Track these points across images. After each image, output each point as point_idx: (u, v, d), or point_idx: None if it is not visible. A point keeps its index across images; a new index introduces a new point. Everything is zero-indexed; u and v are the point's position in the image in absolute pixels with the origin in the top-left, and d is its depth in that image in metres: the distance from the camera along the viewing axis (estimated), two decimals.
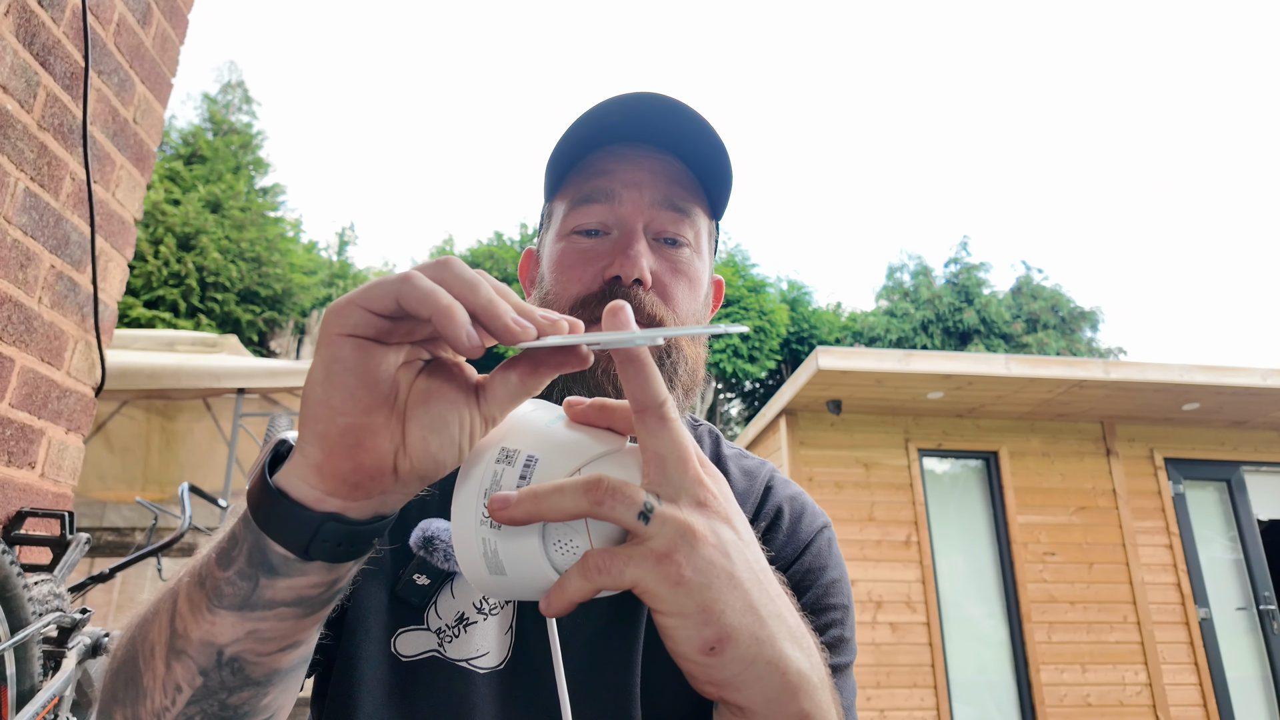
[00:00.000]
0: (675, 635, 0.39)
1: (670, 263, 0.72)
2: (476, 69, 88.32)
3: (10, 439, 1.49)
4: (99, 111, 1.69)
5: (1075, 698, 5.11)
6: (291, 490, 0.40)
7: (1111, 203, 71.10)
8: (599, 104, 0.71)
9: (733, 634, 0.39)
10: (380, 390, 0.39)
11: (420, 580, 0.67)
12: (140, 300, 13.57)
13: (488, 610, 0.68)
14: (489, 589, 0.42)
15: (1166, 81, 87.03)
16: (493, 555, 0.41)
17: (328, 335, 0.38)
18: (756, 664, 0.40)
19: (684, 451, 0.41)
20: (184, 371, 4.26)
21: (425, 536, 0.67)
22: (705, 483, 0.41)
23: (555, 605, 0.39)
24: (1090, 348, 19.60)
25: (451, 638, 0.67)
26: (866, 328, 20.00)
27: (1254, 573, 5.57)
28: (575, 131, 0.72)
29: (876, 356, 5.01)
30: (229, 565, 0.42)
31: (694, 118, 0.71)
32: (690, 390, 0.73)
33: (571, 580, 0.38)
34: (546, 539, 0.40)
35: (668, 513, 0.39)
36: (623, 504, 0.38)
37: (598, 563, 0.38)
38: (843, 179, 69.35)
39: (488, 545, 0.40)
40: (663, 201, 0.72)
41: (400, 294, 0.36)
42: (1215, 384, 5.04)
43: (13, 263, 1.46)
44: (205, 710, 0.45)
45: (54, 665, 1.43)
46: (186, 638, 0.43)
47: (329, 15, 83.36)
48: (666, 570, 0.38)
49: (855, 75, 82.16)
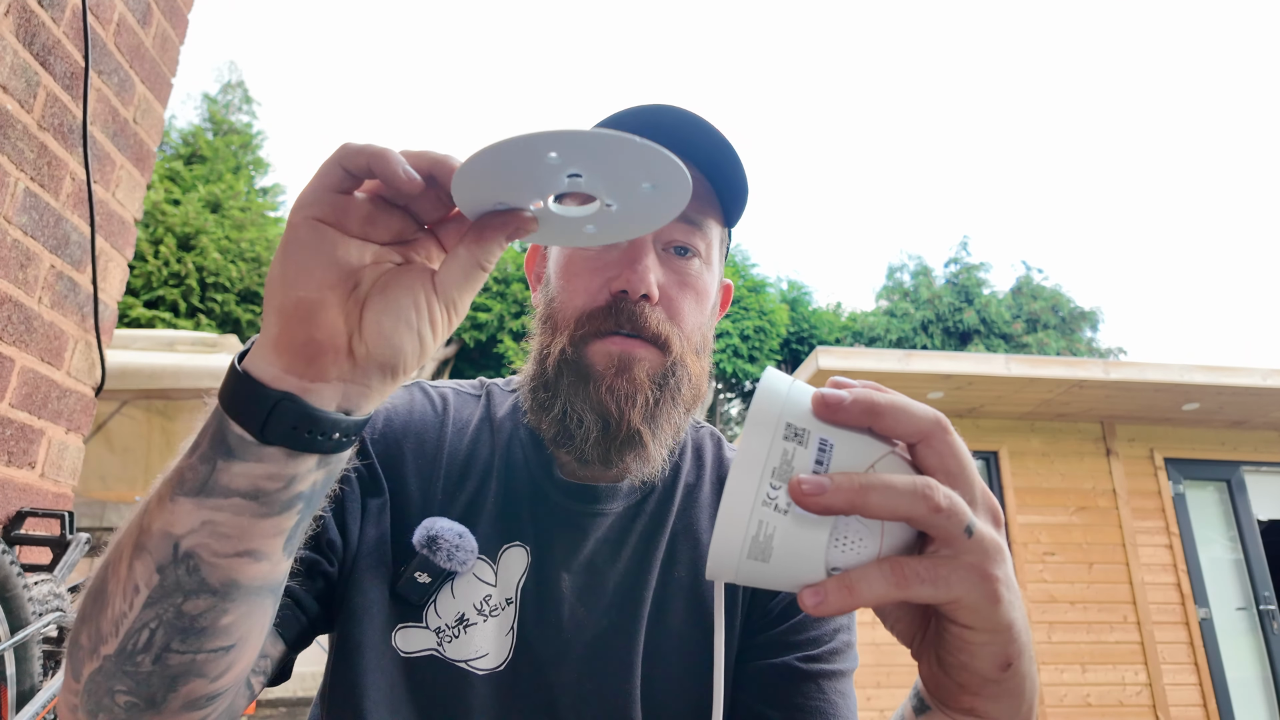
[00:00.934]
0: (980, 652, 0.39)
1: (678, 275, 0.72)
2: (476, 69, 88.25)
3: (10, 439, 1.49)
4: (99, 111, 1.69)
5: (1075, 698, 5.10)
6: (252, 369, 0.41)
7: (1111, 203, 71.10)
8: (616, 114, 0.71)
9: (1023, 650, 0.39)
10: (336, 270, 0.40)
11: (421, 578, 0.67)
12: (140, 300, 13.57)
13: (488, 612, 0.69)
14: (731, 573, 0.39)
15: (1166, 81, 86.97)
16: (764, 539, 0.37)
17: (290, 221, 0.41)
18: (1028, 678, 0.41)
19: (974, 467, 0.40)
20: (184, 371, 4.26)
21: (429, 535, 0.68)
22: (992, 498, 0.40)
23: (833, 603, 0.36)
24: (1090, 348, 19.60)
25: (451, 638, 0.67)
26: (866, 328, 19.99)
27: (1254, 573, 5.57)
28: None
29: (876, 356, 5.01)
30: (194, 452, 0.43)
31: (711, 132, 0.71)
32: (692, 407, 0.73)
33: (872, 583, 0.36)
34: (834, 533, 0.38)
35: (983, 529, 0.38)
36: (955, 516, 0.37)
37: (919, 571, 0.36)
38: (843, 179, 69.36)
39: (764, 528, 0.37)
40: None
41: (340, 158, 0.40)
42: (1215, 384, 5.04)
43: (13, 263, 1.46)
44: (161, 617, 0.44)
45: (54, 665, 1.43)
46: (148, 531, 0.44)
47: (329, 15, 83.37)
48: (988, 587, 0.37)
49: (855, 75, 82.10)
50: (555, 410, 0.69)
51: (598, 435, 0.67)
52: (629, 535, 0.74)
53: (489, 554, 0.70)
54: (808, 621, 0.72)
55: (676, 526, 0.76)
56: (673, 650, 0.70)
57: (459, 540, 0.69)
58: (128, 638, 0.44)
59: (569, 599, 0.70)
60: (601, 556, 0.73)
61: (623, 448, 0.68)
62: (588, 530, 0.73)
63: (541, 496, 0.74)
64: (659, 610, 0.72)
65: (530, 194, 0.42)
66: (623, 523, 0.75)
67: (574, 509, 0.73)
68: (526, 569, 0.71)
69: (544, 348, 0.72)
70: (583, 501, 0.73)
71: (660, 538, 0.74)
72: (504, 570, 0.70)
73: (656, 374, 0.69)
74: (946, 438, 0.39)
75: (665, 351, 0.69)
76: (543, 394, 0.71)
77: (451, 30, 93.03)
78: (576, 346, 0.69)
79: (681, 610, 0.72)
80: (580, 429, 0.68)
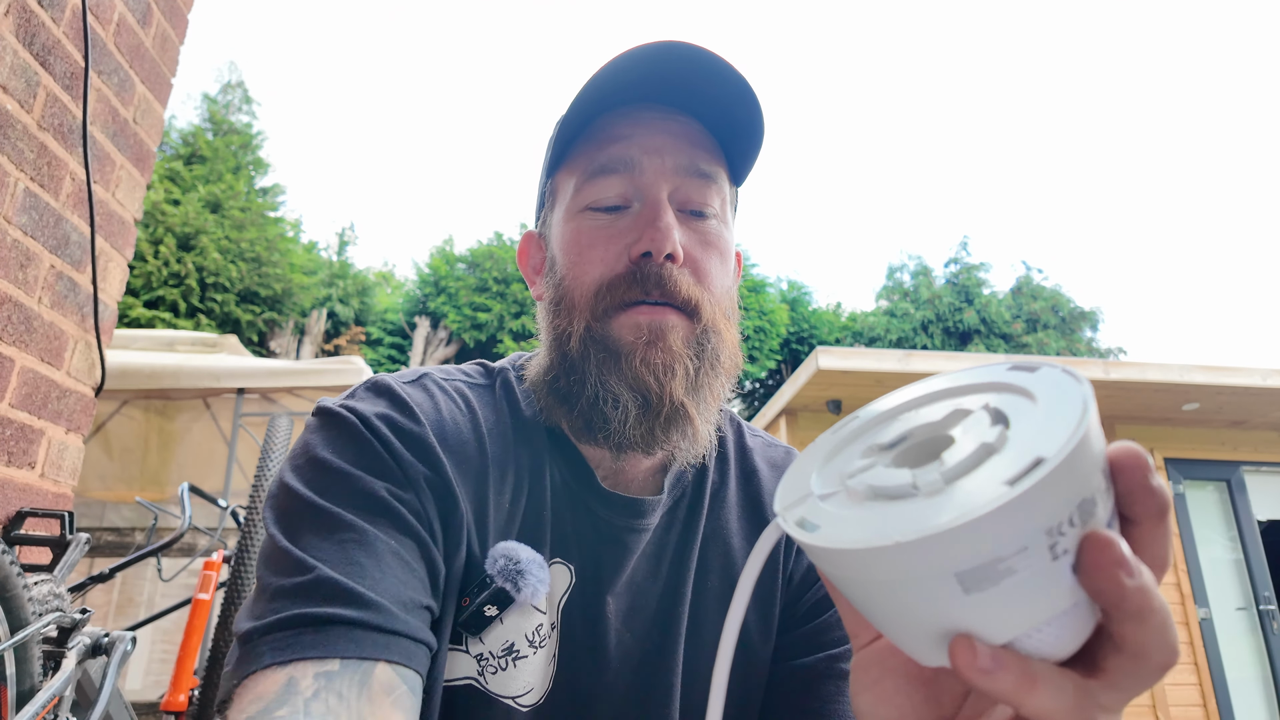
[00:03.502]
0: None
1: (699, 235, 0.65)
2: (476, 69, 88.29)
3: (10, 439, 1.49)
4: (99, 111, 1.69)
5: None
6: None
7: (1111, 203, 71.16)
8: (611, 61, 0.62)
9: None
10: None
11: (490, 612, 0.59)
12: (140, 300, 13.57)
13: (538, 643, 0.61)
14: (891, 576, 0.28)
15: (1166, 82, 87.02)
16: (1000, 571, 0.27)
17: None
18: None
19: (1168, 662, 0.29)
20: (184, 371, 4.26)
21: (516, 568, 0.59)
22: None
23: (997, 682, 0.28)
24: (1090, 348, 19.59)
25: (496, 669, 0.60)
26: (866, 328, 19.99)
27: (1254, 573, 5.57)
28: (587, 94, 0.63)
29: (876, 356, 5.01)
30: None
31: (723, 73, 0.63)
32: (732, 375, 0.67)
33: (1056, 692, 0.28)
34: (1063, 614, 0.29)
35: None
36: (1151, 681, 0.29)
37: (1095, 698, 0.29)
38: (843, 179, 69.43)
39: (1020, 557, 0.27)
40: (688, 167, 0.65)
41: None
42: (1215, 384, 5.04)
43: (13, 263, 1.46)
44: None
45: (54, 665, 1.43)
46: None
47: (329, 15, 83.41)
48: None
49: (855, 76, 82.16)
50: (585, 394, 0.62)
51: (637, 414, 0.61)
52: (666, 548, 0.68)
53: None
54: (834, 621, 0.68)
55: (706, 530, 0.70)
56: (708, 667, 0.65)
57: (542, 573, 0.60)
58: None
59: (614, 624, 0.64)
60: (642, 573, 0.67)
61: (667, 425, 0.61)
62: (631, 547, 0.66)
63: (583, 509, 0.66)
64: (695, 625, 0.67)
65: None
66: (660, 534, 0.68)
67: (617, 523, 0.66)
68: (569, 588, 0.64)
69: (561, 331, 0.65)
70: (627, 515, 0.66)
71: (693, 545, 0.68)
72: (550, 591, 0.63)
73: (691, 341, 0.62)
74: (1145, 612, 0.29)
75: (696, 318, 0.62)
76: (565, 382, 0.64)
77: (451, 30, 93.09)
78: (600, 321, 0.62)
79: (716, 622, 0.67)
80: (617, 410, 0.61)
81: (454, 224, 66.69)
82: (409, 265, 33.64)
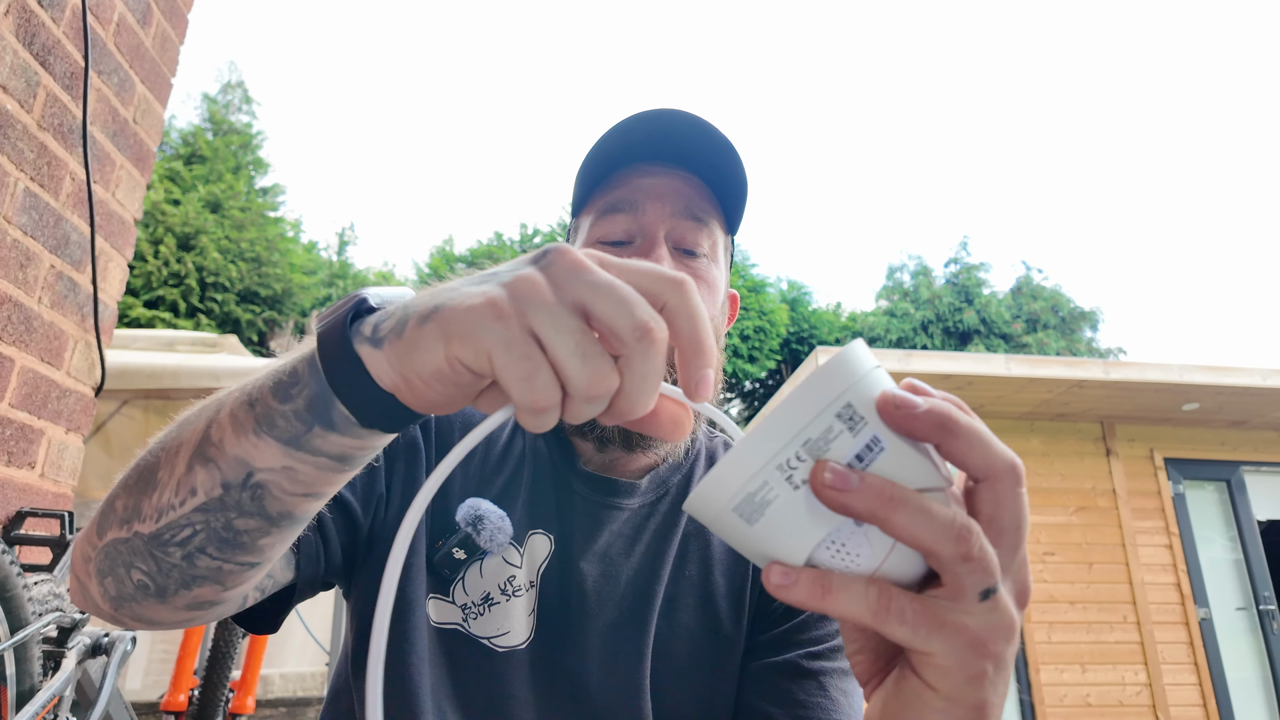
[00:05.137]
0: (931, 718, 0.35)
1: (689, 269, 0.75)
2: (476, 69, 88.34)
3: (10, 439, 1.49)
4: (99, 111, 1.69)
5: (1075, 698, 5.10)
6: (369, 364, 0.38)
7: (1111, 203, 71.21)
8: (624, 120, 0.75)
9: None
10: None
11: (458, 554, 0.71)
12: (140, 300, 13.57)
13: (511, 592, 0.72)
14: (710, 516, 0.35)
15: (1166, 81, 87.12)
16: (760, 503, 0.34)
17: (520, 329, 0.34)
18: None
19: (1025, 533, 0.35)
20: (184, 371, 4.26)
21: (476, 515, 0.72)
22: (1028, 576, 0.37)
23: (799, 593, 0.34)
24: (1090, 348, 19.61)
25: (476, 615, 0.71)
26: (866, 328, 20.00)
27: (1254, 573, 5.57)
28: (601, 148, 0.76)
29: (876, 357, 5.01)
30: (286, 400, 0.41)
31: (712, 133, 0.75)
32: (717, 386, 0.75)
33: (851, 595, 0.33)
34: (833, 534, 0.34)
35: (1003, 601, 0.34)
36: (981, 572, 0.33)
37: (907, 609, 0.33)
38: (843, 179, 69.44)
39: (765, 491, 0.33)
40: (683, 211, 0.75)
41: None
42: (1215, 384, 5.04)
43: (13, 263, 1.46)
44: (209, 523, 0.45)
45: (54, 665, 1.43)
46: (220, 448, 0.43)
47: (329, 16, 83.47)
48: (976, 660, 0.34)
49: (855, 75, 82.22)
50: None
51: None
52: (643, 532, 0.77)
53: (518, 539, 0.73)
54: (811, 620, 0.73)
55: (689, 528, 0.78)
56: (681, 645, 0.73)
57: (500, 523, 0.73)
58: (168, 528, 0.45)
59: (586, 585, 0.73)
60: (616, 549, 0.75)
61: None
62: (604, 522, 0.75)
63: (565, 486, 0.77)
64: (670, 606, 0.74)
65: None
66: (637, 519, 0.77)
67: (593, 500, 0.76)
68: (549, 556, 0.74)
69: None
70: (601, 493, 0.76)
71: (673, 537, 0.77)
72: (529, 555, 0.73)
73: (672, 357, 0.67)
74: (1014, 489, 0.35)
75: None
76: None
77: (451, 30, 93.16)
78: None
79: (692, 607, 0.74)
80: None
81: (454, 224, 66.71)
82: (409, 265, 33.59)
